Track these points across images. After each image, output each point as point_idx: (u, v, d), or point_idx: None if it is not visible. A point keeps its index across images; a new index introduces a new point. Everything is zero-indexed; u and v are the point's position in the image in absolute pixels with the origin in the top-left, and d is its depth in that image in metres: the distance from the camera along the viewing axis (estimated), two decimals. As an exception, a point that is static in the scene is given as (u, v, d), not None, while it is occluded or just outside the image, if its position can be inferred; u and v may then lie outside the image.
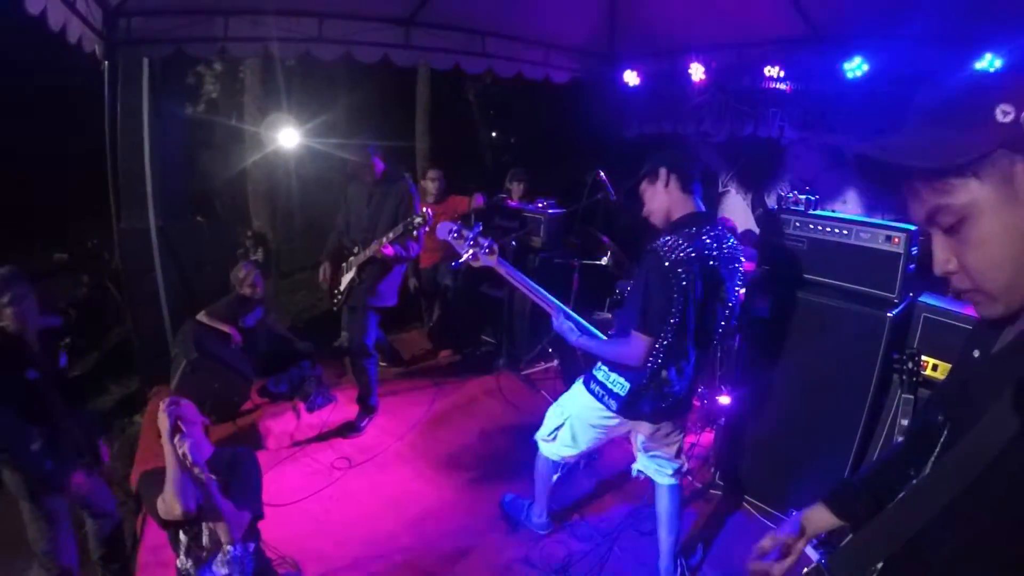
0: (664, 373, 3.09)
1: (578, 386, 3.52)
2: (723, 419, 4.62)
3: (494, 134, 15.36)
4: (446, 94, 12.65)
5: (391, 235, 4.78)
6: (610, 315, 5.56)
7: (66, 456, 3.39)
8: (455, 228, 3.47)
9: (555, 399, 3.76)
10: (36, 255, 9.34)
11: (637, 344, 2.98)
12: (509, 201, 6.85)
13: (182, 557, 2.89)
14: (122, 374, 6.62)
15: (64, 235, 9.91)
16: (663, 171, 3.08)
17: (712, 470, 4.56)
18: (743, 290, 3.37)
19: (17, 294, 3.20)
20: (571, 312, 3.41)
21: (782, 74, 6.12)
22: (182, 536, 2.89)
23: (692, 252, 2.89)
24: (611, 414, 3.29)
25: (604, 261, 5.62)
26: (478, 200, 6.85)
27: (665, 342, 2.97)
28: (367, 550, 3.91)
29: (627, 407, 3.20)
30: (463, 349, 6.88)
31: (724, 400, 4.82)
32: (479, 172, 12.92)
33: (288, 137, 7.20)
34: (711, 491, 4.47)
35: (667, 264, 2.86)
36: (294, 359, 6.00)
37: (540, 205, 6.48)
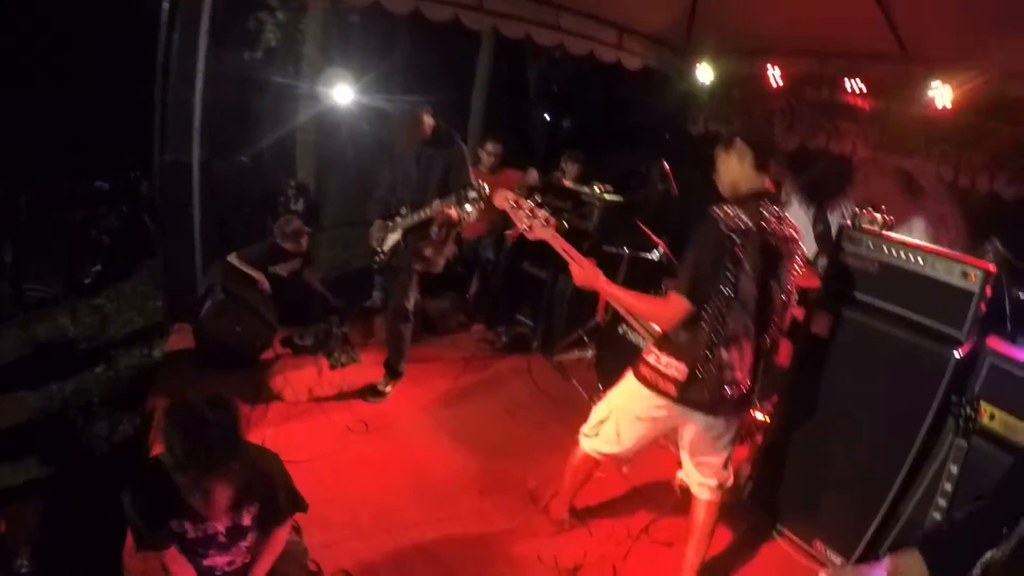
0: (724, 354, 2.98)
1: (627, 376, 3.37)
2: (759, 436, 4.42)
3: (547, 116, 15.18)
4: (507, 68, 12.45)
5: (442, 204, 4.62)
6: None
7: None
8: (512, 198, 3.48)
9: (586, 389, 3.67)
10: (79, 182, 9.37)
11: (675, 306, 2.94)
12: (564, 181, 6.68)
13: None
14: (146, 308, 6.59)
15: (110, 165, 9.87)
16: (739, 143, 3.04)
17: (741, 489, 4.36)
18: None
19: None
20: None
21: (863, 90, 5.87)
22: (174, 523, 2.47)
23: (750, 223, 2.87)
24: (661, 403, 3.15)
25: (655, 256, 5.42)
26: (532, 176, 6.69)
27: (721, 317, 2.92)
28: (374, 522, 3.76)
29: (685, 392, 3.06)
30: (496, 326, 6.68)
31: (760, 416, 4.62)
32: (529, 150, 12.74)
33: (343, 94, 7.08)
34: (735, 509, 4.26)
35: (722, 229, 2.85)
36: (322, 314, 5.89)
37: (596, 189, 6.27)
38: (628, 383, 3.34)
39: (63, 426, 4.71)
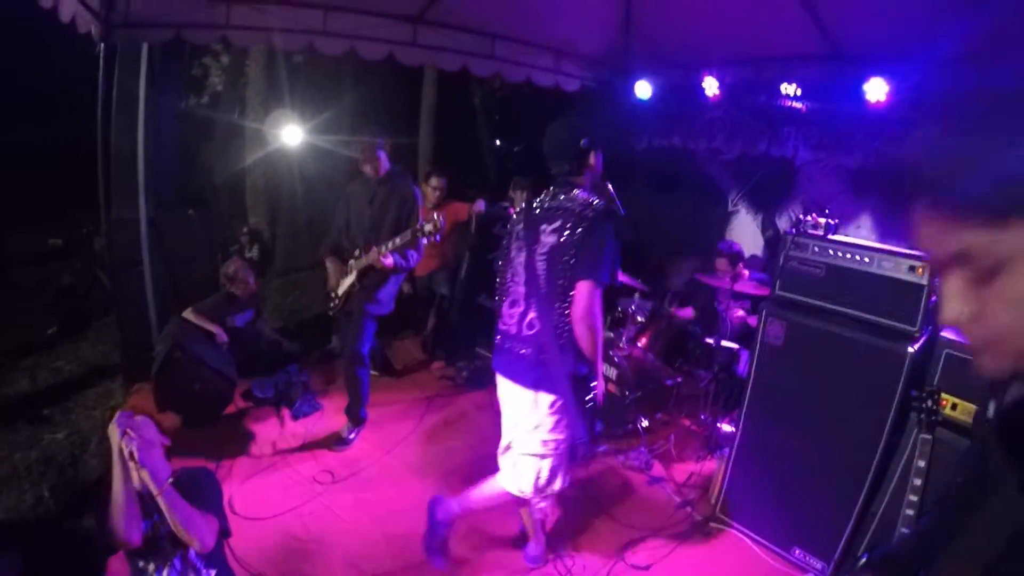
0: (502, 307, 3.43)
1: None
2: (727, 449, 4.41)
3: (498, 142, 15.17)
4: (452, 97, 12.44)
5: (398, 240, 4.61)
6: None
7: None
8: None
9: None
10: (35, 240, 9.22)
11: None
12: (511, 210, 6.66)
13: None
14: (106, 368, 6.42)
15: (65, 221, 9.74)
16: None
17: (713, 502, 4.35)
18: (569, 236, 3.16)
19: None
20: None
21: (799, 92, 5.93)
22: (140, 564, 2.60)
23: (524, 204, 3.50)
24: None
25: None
26: (479, 207, 6.67)
27: (501, 276, 3.47)
28: (346, 574, 3.69)
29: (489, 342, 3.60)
30: (457, 361, 6.63)
31: (727, 428, 4.63)
32: (482, 178, 12.71)
33: (292, 135, 7.04)
34: (711, 524, 4.25)
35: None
36: (281, 363, 5.80)
37: None
38: None
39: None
